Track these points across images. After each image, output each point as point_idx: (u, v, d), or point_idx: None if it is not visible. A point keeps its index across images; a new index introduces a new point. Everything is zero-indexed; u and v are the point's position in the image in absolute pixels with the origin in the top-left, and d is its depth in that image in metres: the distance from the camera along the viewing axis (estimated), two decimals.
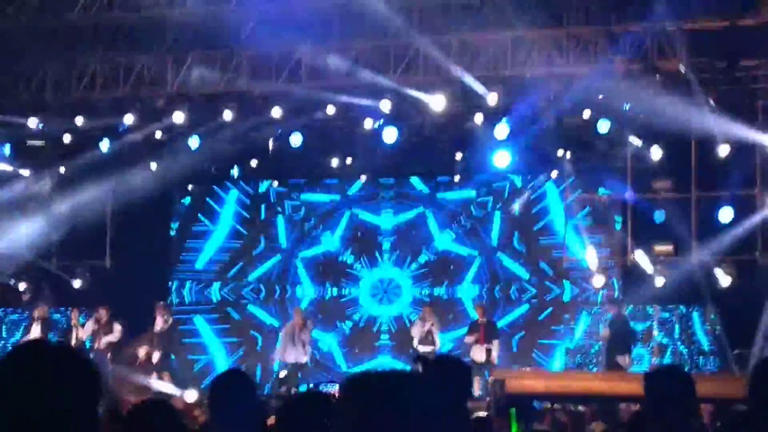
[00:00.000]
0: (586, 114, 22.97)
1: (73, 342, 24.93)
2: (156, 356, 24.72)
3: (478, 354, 23.62)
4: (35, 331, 25.05)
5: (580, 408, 19.53)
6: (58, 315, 26.74)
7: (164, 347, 25.05)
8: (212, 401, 7.11)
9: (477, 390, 21.73)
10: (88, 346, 25.08)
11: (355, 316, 27.96)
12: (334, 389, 20.06)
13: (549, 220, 26.99)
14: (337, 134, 25.63)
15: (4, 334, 28.15)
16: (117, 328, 24.91)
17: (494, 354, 23.71)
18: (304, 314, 25.72)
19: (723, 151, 22.36)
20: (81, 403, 3.36)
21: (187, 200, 28.78)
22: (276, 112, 23.94)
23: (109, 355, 25.00)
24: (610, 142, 23.84)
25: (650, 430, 6.02)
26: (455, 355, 17.54)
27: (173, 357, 26.33)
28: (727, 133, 22.11)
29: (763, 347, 21.44)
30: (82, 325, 25.37)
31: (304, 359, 24.68)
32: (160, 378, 24.44)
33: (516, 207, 26.05)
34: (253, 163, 26.62)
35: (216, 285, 28.83)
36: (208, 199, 28.76)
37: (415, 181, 27.80)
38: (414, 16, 23.48)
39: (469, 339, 24.11)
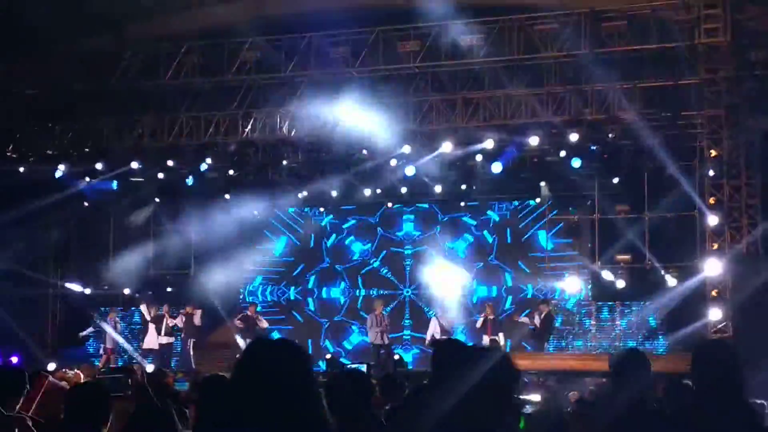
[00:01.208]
0: (563, 153, 22.99)
1: (164, 329, 25.15)
2: None
3: (486, 343, 23.59)
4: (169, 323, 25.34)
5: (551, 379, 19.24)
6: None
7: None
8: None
9: None
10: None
11: None
12: (363, 368, 19.89)
13: (533, 235, 26.90)
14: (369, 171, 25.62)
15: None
16: (197, 315, 25.07)
17: (501, 343, 23.65)
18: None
19: (668, 183, 22.40)
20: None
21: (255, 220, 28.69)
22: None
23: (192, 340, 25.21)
24: (580, 175, 23.82)
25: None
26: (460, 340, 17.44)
27: None
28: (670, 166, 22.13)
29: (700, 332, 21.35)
30: (174, 317, 25.44)
31: (386, 340, 24.60)
32: None
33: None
34: (303, 194, 26.58)
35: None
36: (270, 219, 28.69)
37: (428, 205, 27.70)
38: (428, 78, 23.57)
39: (480, 331, 24.12)
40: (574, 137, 22.26)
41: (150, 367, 21.65)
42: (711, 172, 21.61)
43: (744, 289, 20.46)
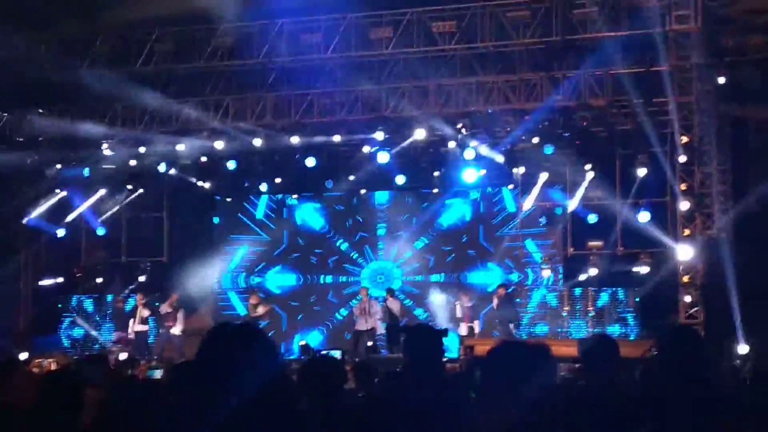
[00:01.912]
0: (535, 140, 23.07)
1: (138, 318, 25.05)
2: None
3: (462, 330, 23.71)
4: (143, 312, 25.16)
5: None
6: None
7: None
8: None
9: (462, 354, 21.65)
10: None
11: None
12: (337, 354, 19.95)
13: (507, 222, 26.97)
14: (341, 157, 25.66)
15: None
16: (180, 316, 24.92)
17: (476, 330, 23.78)
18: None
19: (640, 170, 22.54)
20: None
21: (227, 208, 28.63)
22: (294, 140, 24.11)
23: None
24: (553, 161, 23.92)
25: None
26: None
27: None
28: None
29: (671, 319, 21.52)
30: (157, 307, 25.29)
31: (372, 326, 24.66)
32: None
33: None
34: (278, 179, 26.60)
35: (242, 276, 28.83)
36: (245, 205, 28.65)
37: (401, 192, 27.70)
38: (400, 66, 23.58)
39: (458, 319, 24.24)
40: (546, 124, 22.36)
41: (123, 355, 21.63)
42: (682, 159, 21.74)
43: (715, 275, 20.64)
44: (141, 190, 26.93)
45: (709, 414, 5.25)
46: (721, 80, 21.80)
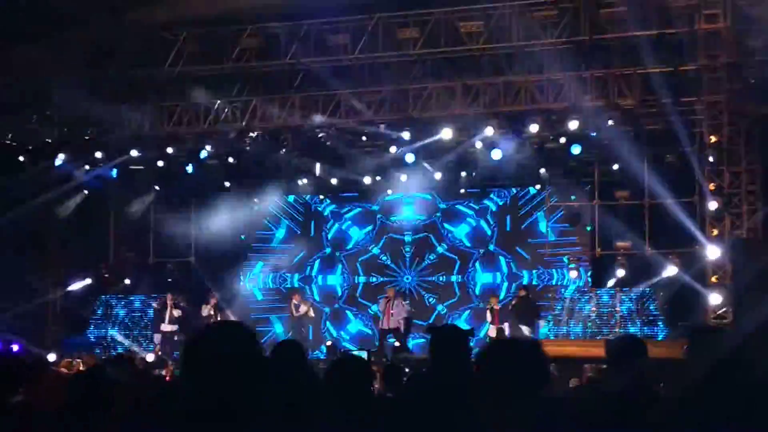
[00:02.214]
0: (563, 140, 22.98)
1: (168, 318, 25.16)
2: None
3: (491, 332, 23.74)
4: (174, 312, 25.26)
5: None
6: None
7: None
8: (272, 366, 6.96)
9: None
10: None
11: None
12: (364, 355, 19.99)
13: (533, 222, 26.94)
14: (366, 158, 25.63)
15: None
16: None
17: (506, 333, 23.75)
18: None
19: (668, 166, 22.45)
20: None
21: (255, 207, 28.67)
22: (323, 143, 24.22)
23: None
24: (580, 161, 23.85)
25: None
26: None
27: None
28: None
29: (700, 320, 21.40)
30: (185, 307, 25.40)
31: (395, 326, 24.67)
32: None
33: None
34: (303, 181, 26.61)
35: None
36: (270, 207, 28.71)
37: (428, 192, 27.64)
38: (427, 66, 23.56)
39: (488, 319, 24.31)
40: (573, 124, 22.28)
41: (150, 356, 21.74)
42: (711, 159, 21.63)
43: (744, 275, 20.50)
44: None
45: (744, 417, 5.21)
46: (750, 79, 21.66)
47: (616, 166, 23.59)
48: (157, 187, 26.81)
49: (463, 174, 25.28)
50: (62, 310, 27.41)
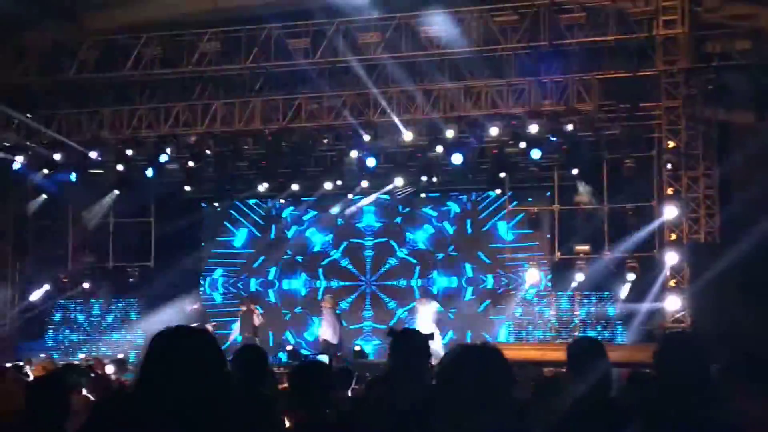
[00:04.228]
0: (522, 144, 23.02)
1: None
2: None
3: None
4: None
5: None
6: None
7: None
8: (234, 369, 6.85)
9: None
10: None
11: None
12: (325, 359, 19.99)
13: (493, 226, 27.01)
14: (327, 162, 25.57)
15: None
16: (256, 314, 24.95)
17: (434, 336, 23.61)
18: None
19: (626, 170, 22.55)
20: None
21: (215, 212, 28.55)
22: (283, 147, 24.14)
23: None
24: (540, 166, 23.92)
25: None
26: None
27: None
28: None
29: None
30: None
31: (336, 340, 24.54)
32: None
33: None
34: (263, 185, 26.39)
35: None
36: (231, 211, 28.63)
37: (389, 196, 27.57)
38: (388, 70, 23.58)
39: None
40: (533, 128, 22.36)
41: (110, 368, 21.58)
42: (669, 164, 21.80)
43: (702, 280, 20.65)
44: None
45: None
46: (707, 85, 21.84)
47: (575, 171, 23.68)
48: (116, 191, 26.59)
49: (424, 178, 25.25)
50: (19, 314, 27.12)
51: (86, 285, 27.24)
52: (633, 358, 15.37)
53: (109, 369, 20.13)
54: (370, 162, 24.08)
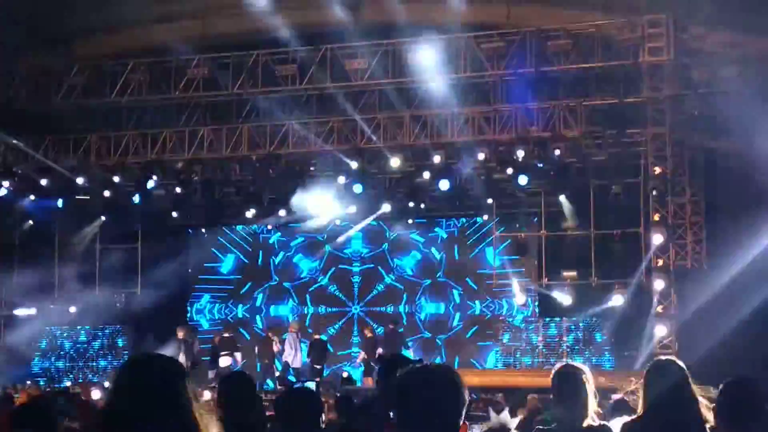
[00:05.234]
0: (509, 170, 23.09)
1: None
2: None
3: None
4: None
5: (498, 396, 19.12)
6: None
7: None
8: (220, 399, 6.82)
9: None
10: None
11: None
12: (312, 386, 20.01)
13: (481, 252, 27.08)
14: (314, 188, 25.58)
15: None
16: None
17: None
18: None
19: (613, 197, 22.64)
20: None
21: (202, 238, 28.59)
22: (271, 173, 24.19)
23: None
24: (527, 192, 23.99)
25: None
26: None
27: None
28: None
29: (646, 349, 21.58)
30: None
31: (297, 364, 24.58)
32: None
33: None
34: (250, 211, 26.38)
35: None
36: (218, 237, 28.66)
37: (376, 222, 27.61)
38: (374, 96, 23.69)
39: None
40: (520, 154, 22.43)
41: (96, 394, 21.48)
42: (655, 191, 21.90)
43: (689, 306, 20.74)
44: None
45: None
46: (693, 112, 21.97)
47: (562, 197, 23.76)
48: (103, 217, 26.56)
49: (411, 204, 25.30)
50: (6, 340, 27.04)
51: (72, 309, 27.15)
52: (621, 384, 15.45)
53: (96, 395, 20.06)
54: (357, 188, 24.09)
